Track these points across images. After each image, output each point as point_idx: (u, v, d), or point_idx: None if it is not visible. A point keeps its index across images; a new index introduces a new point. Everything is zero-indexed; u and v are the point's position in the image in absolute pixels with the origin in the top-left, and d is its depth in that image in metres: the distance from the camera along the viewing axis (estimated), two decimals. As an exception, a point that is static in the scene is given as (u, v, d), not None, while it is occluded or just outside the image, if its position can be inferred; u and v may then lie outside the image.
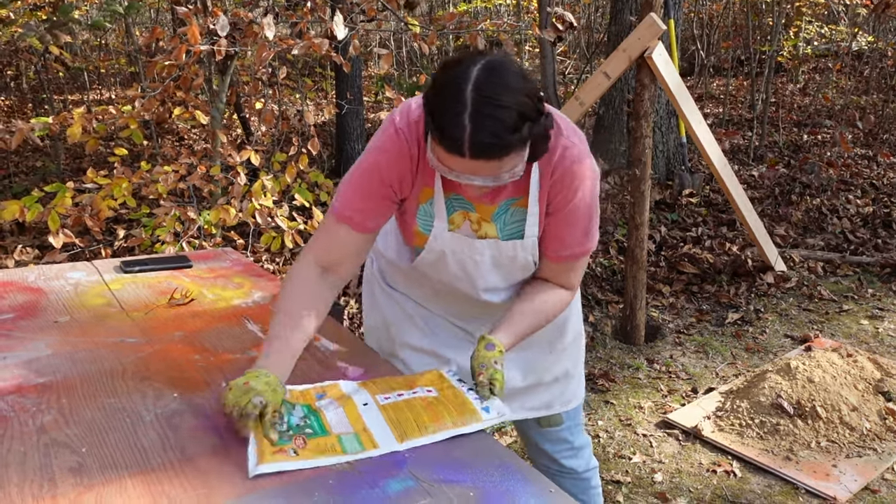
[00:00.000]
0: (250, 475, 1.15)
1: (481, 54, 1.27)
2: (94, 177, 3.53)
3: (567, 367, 1.78)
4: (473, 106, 1.22)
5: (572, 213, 1.48)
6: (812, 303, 4.22)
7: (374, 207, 1.48)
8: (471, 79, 1.23)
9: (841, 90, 9.42)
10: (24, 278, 1.97)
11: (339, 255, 1.49)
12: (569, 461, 1.85)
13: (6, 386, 1.40)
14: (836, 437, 2.81)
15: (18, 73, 8.86)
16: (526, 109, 1.24)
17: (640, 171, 3.60)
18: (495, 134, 1.22)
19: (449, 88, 1.24)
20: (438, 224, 1.52)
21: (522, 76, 1.27)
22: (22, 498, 1.09)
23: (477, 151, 1.24)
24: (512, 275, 1.59)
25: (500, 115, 1.22)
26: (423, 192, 1.50)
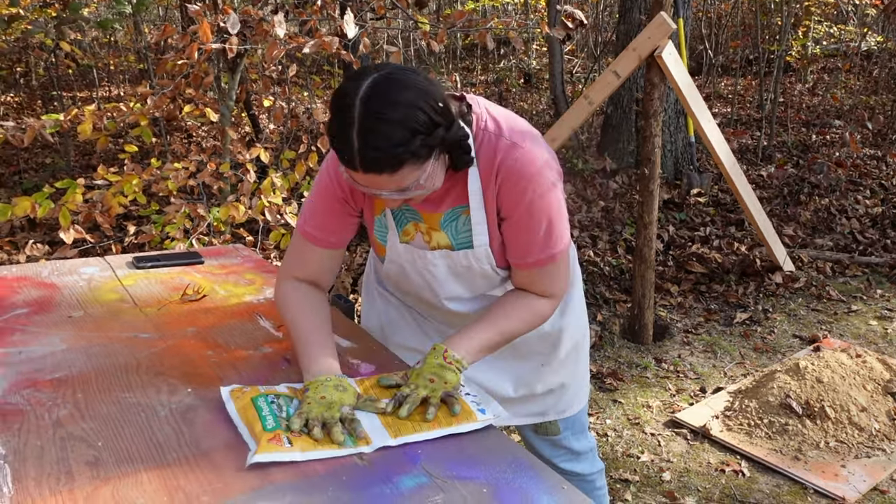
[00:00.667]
0: (248, 464, 1.16)
1: (376, 68, 1.26)
2: (105, 173, 3.54)
3: (562, 379, 1.74)
4: (360, 121, 1.21)
5: (525, 217, 1.42)
6: (821, 303, 4.21)
7: (334, 223, 1.51)
8: (359, 93, 1.22)
9: (850, 90, 9.39)
10: (37, 273, 1.98)
11: (313, 270, 1.55)
12: (571, 465, 1.84)
13: (22, 380, 1.41)
14: (844, 438, 2.81)
15: (28, 69, 8.90)
16: (415, 123, 1.22)
17: (649, 170, 3.59)
18: (381, 149, 1.22)
19: (338, 103, 1.24)
20: (391, 237, 1.54)
21: (416, 88, 1.24)
22: (39, 491, 1.10)
23: (368, 165, 1.24)
24: (474, 284, 1.57)
25: (385, 130, 1.21)
26: (377, 203, 1.52)
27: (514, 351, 1.67)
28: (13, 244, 3.94)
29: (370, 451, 1.23)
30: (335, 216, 1.51)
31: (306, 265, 1.54)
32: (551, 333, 1.69)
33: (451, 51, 10.99)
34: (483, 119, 1.42)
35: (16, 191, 5.75)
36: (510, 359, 1.69)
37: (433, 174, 1.32)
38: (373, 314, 1.81)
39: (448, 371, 1.37)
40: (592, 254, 4.66)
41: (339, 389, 1.32)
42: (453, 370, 1.38)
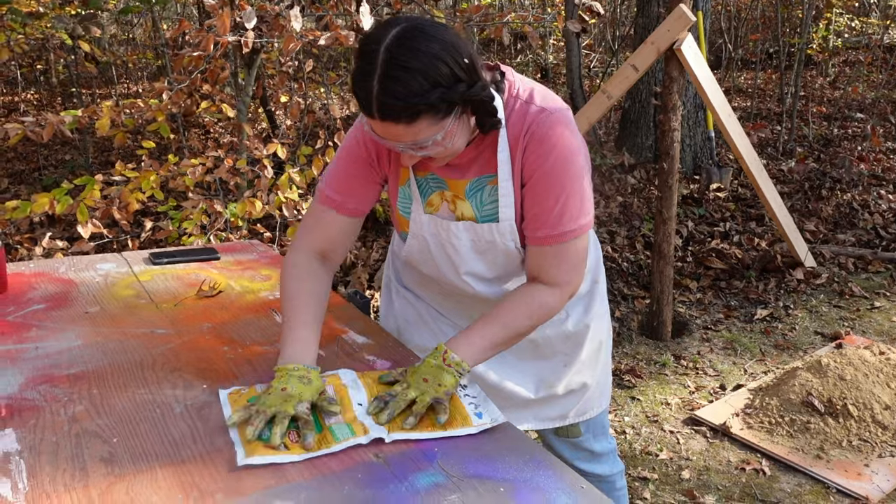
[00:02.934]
0: (238, 465, 1.15)
1: (406, 19, 1.25)
2: (123, 169, 3.56)
3: (585, 380, 1.72)
4: (382, 68, 1.20)
5: (542, 183, 1.38)
6: (843, 299, 4.16)
7: (356, 188, 1.48)
8: (385, 41, 1.21)
9: (872, 83, 9.26)
10: (54, 269, 1.99)
11: (327, 242, 1.51)
12: (591, 467, 1.81)
13: (38, 376, 1.41)
14: (868, 436, 2.76)
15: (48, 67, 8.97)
16: (436, 74, 1.20)
17: (668, 164, 3.56)
18: (398, 97, 1.20)
19: (364, 49, 1.23)
20: (416, 206, 1.51)
21: (445, 42, 1.22)
22: (54, 487, 1.09)
23: (384, 113, 1.22)
24: (495, 262, 1.53)
25: (405, 78, 1.19)
26: (402, 173, 1.50)
27: (536, 351, 1.65)
28: (32, 240, 3.96)
29: (366, 441, 1.22)
30: (357, 180, 1.48)
31: (322, 232, 1.50)
32: (575, 333, 1.67)
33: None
34: (516, 87, 1.41)
35: (35, 187, 5.79)
36: (532, 359, 1.67)
37: (454, 133, 1.30)
38: (390, 316, 1.80)
39: (445, 373, 1.33)
40: (611, 249, 4.62)
41: (302, 381, 1.28)
42: (452, 373, 1.33)
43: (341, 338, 1.64)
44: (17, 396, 1.34)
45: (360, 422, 1.27)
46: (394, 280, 1.80)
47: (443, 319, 1.71)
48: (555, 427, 1.76)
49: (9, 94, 9.70)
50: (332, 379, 1.40)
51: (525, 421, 1.71)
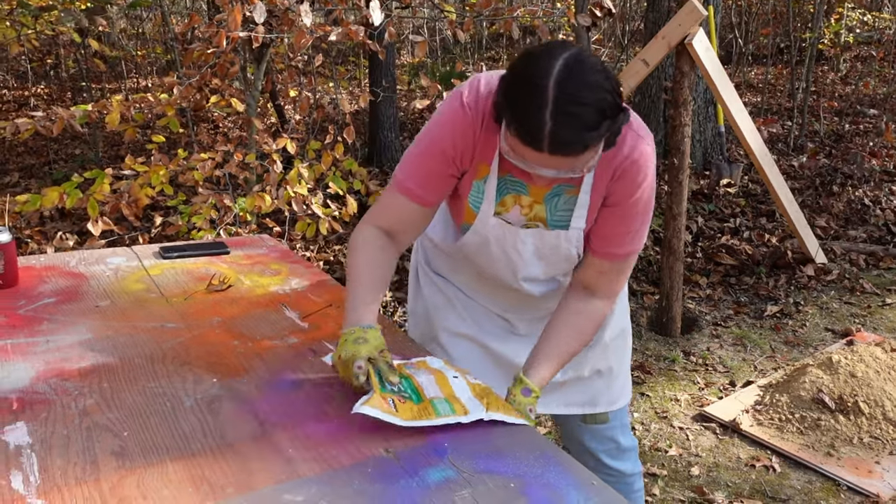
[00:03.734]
0: (353, 411, 1.21)
1: (562, 46, 1.25)
2: (132, 164, 3.56)
3: (611, 364, 1.74)
4: (555, 103, 1.19)
5: (630, 209, 1.45)
6: (854, 296, 4.13)
7: (436, 182, 1.47)
8: (553, 74, 1.20)
9: (884, 79, 9.20)
10: (65, 263, 1.99)
11: (400, 224, 1.50)
12: (615, 462, 1.81)
13: (49, 369, 1.42)
14: (879, 434, 2.75)
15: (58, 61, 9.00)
16: (606, 106, 1.22)
17: (678, 160, 3.54)
18: (576, 131, 1.21)
19: (530, 82, 1.22)
20: (486, 207, 1.50)
21: (603, 72, 1.24)
22: (65, 480, 1.09)
23: (556, 148, 1.23)
24: (553, 266, 1.57)
25: (581, 113, 1.20)
26: (480, 168, 1.48)
27: None
28: (42, 234, 3.98)
29: (467, 420, 1.24)
30: (439, 176, 1.47)
31: (396, 218, 1.49)
32: None
33: (477, 40, 10.93)
34: None
35: (46, 181, 5.81)
36: None
37: (598, 157, 1.31)
38: (419, 300, 1.80)
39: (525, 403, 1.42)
40: (620, 245, 4.60)
41: (357, 342, 1.31)
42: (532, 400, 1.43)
43: (351, 332, 1.63)
44: (29, 390, 1.34)
45: (460, 400, 1.28)
46: (423, 264, 1.80)
47: (473, 304, 1.72)
48: (583, 414, 1.77)
49: (19, 88, 9.74)
50: (421, 364, 1.41)
51: (553, 405, 1.73)
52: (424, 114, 8.29)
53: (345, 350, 1.31)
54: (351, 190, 4.09)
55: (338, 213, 3.85)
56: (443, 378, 1.34)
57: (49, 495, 1.06)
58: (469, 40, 10.49)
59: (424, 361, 1.42)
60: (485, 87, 1.41)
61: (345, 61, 9.71)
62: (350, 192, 4.04)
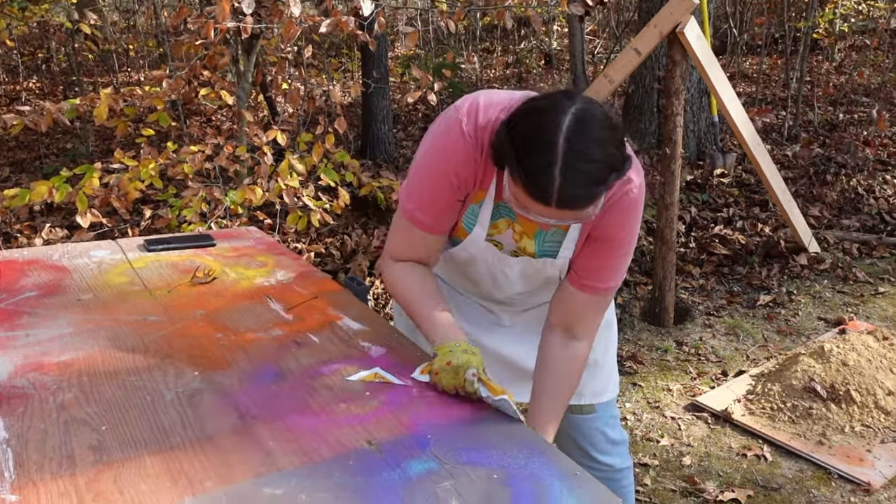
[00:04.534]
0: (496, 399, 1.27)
1: (570, 99, 1.23)
2: (122, 157, 3.54)
3: (596, 356, 1.74)
4: (564, 160, 1.19)
5: (614, 247, 1.47)
6: (847, 285, 4.13)
7: (446, 211, 1.49)
8: (562, 130, 1.20)
9: (878, 68, 9.18)
10: (48, 256, 1.97)
11: (423, 254, 1.54)
12: (604, 456, 1.80)
13: (28, 363, 1.40)
14: (870, 422, 2.74)
15: (49, 55, 8.95)
16: (614, 161, 1.22)
17: (671, 150, 3.52)
18: (585, 188, 1.22)
19: (539, 137, 1.21)
20: (478, 231, 1.51)
21: (611, 125, 1.24)
22: (41, 475, 1.08)
23: (564, 204, 1.23)
24: (537, 284, 1.61)
25: (591, 170, 1.20)
26: (477, 193, 1.50)
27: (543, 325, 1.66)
28: (32, 228, 3.95)
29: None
30: (449, 205, 1.48)
31: (417, 250, 1.53)
32: None
33: (471, 31, 10.89)
34: None
35: (36, 175, 5.79)
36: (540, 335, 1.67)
37: (601, 205, 1.31)
38: None
39: None
40: (613, 236, 4.59)
41: (466, 353, 1.35)
42: None
43: (336, 324, 1.62)
44: (6, 384, 1.32)
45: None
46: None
47: (458, 296, 1.73)
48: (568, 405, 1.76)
49: (10, 82, 9.68)
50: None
51: None
52: (418, 105, 8.27)
53: (456, 357, 1.33)
54: (343, 182, 4.07)
55: (329, 205, 3.83)
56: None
57: (23, 490, 1.04)
58: (463, 31, 10.46)
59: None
60: (483, 118, 1.40)
61: (338, 53, 9.67)
62: (342, 185, 4.02)
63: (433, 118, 8.22)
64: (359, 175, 4.18)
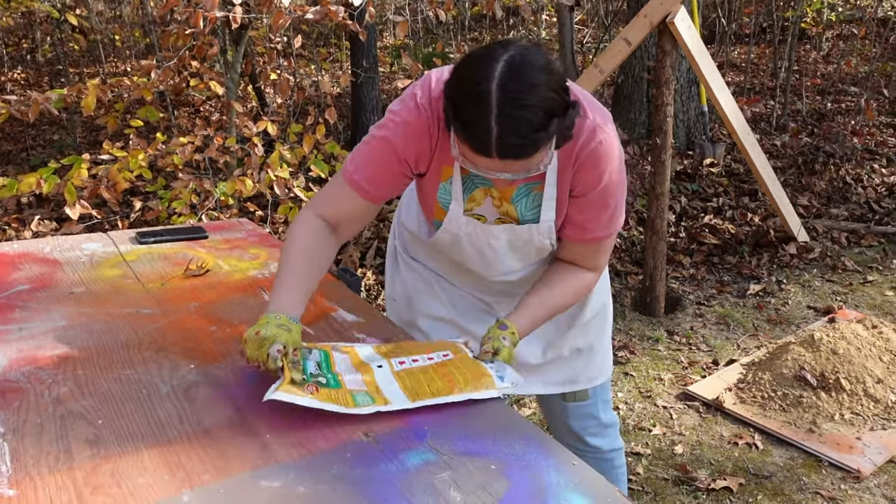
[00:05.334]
0: (264, 399, 1.19)
1: (504, 47, 1.21)
2: (111, 148, 3.51)
3: (591, 341, 1.74)
4: (499, 108, 1.17)
5: (598, 197, 1.44)
6: (836, 274, 4.16)
7: (386, 180, 1.46)
8: (495, 77, 1.17)
9: (866, 57, 9.22)
10: (39, 249, 1.96)
11: (345, 216, 1.48)
12: (594, 439, 1.82)
13: (22, 357, 1.39)
14: (860, 410, 2.77)
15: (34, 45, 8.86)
16: (552, 105, 1.19)
17: (661, 140, 3.53)
18: (523, 135, 1.18)
19: (473, 87, 1.19)
20: (455, 206, 1.49)
21: (548, 69, 1.20)
22: (38, 469, 1.07)
23: (505, 152, 1.20)
24: (528, 257, 1.58)
25: (526, 116, 1.17)
26: (444, 170, 1.47)
27: None
28: (20, 221, 3.92)
29: (387, 410, 1.22)
30: (390, 174, 1.45)
31: (340, 210, 1.48)
32: None
33: (459, 21, 10.85)
34: None
35: (24, 167, 5.74)
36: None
37: (552, 154, 1.29)
38: (398, 285, 1.79)
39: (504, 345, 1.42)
40: (603, 226, 4.60)
41: (281, 328, 1.28)
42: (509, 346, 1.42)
43: (330, 315, 1.62)
44: (1, 378, 1.31)
45: (383, 393, 1.27)
46: (401, 251, 1.79)
47: (452, 288, 1.71)
48: (563, 392, 1.77)
49: (-5, 73, 9.58)
50: (350, 352, 1.39)
51: (534, 386, 1.73)
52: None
53: (267, 329, 1.27)
54: (334, 173, 4.05)
55: (320, 196, 3.81)
56: (368, 371, 1.33)
57: (21, 485, 1.04)
58: (451, 21, 10.42)
59: (353, 349, 1.40)
60: (436, 88, 1.38)
61: (326, 43, 9.62)
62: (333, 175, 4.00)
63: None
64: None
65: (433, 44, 9.55)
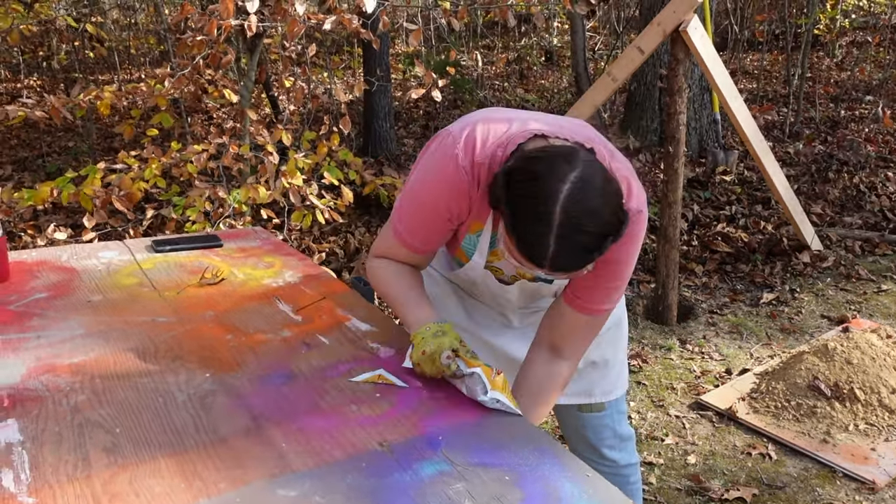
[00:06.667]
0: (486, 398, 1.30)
1: (569, 163, 1.21)
2: (126, 157, 3.54)
3: (605, 355, 1.74)
4: (559, 230, 1.18)
5: (612, 271, 1.45)
6: (849, 283, 4.13)
7: (436, 236, 1.50)
8: (559, 201, 1.18)
9: (879, 64, 9.18)
10: (57, 257, 1.98)
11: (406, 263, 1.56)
12: (611, 452, 1.82)
13: (40, 365, 1.41)
14: (874, 420, 2.75)
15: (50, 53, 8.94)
16: (610, 229, 1.21)
17: (674, 148, 3.53)
18: (579, 257, 1.22)
19: (536, 205, 1.20)
20: (477, 258, 1.53)
21: (608, 190, 1.22)
22: (56, 477, 1.09)
23: (557, 269, 1.24)
24: (536, 299, 1.67)
25: (585, 241, 1.20)
26: (474, 224, 1.50)
27: None
28: (36, 227, 3.96)
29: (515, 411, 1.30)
30: (439, 231, 1.49)
31: (402, 260, 1.55)
32: None
33: (471, 28, 10.88)
34: None
35: (39, 174, 5.79)
36: None
37: None
38: None
39: None
40: (615, 233, 4.60)
41: (437, 336, 1.37)
42: None
43: (344, 325, 1.63)
44: (20, 387, 1.33)
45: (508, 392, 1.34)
46: None
47: (470, 300, 1.75)
48: (579, 404, 1.77)
49: (11, 80, 9.68)
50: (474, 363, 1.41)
51: None
52: (419, 103, 8.26)
53: (428, 345, 1.36)
54: (346, 180, 4.07)
55: (333, 203, 3.84)
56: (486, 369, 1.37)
57: (40, 493, 1.05)
58: (464, 28, 10.44)
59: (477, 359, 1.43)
60: (480, 154, 1.38)
61: (339, 51, 9.66)
62: (346, 183, 4.03)
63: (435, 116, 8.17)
64: (361, 173, 4.19)
65: (445, 51, 9.59)
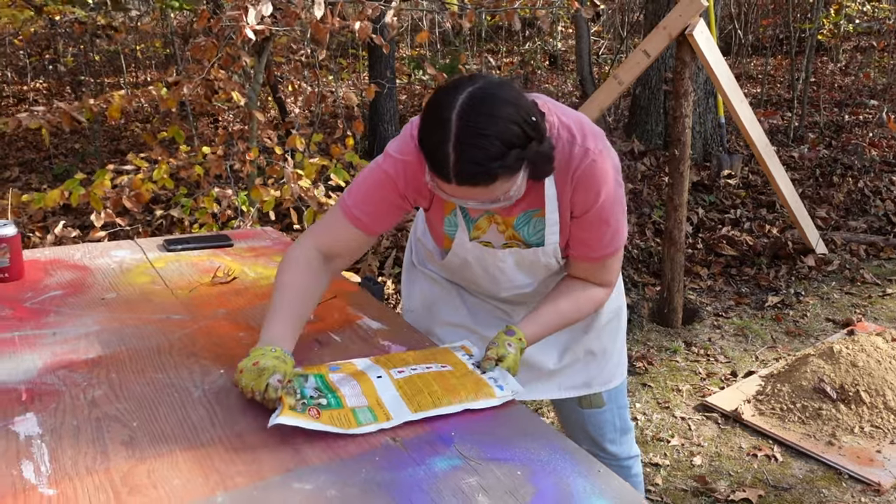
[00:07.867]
0: (269, 425, 1.19)
1: (470, 81, 1.27)
2: (135, 160, 3.57)
3: (604, 344, 1.76)
4: (456, 136, 1.22)
5: (596, 217, 1.48)
6: (854, 286, 4.14)
7: (384, 213, 1.51)
8: (455, 107, 1.23)
9: (883, 69, 9.19)
10: (70, 256, 2.00)
11: (340, 247, 1.53)
12: (612, 446, 1.83)
13: (57, 361, 1.42)
14: (880, 423, 2.76)
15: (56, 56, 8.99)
16: (511, 137, 1.23)
17: (680, 151, 3.54)
18: (478, 163, 1.23)
19: (434, 116, 1.26)
20: (461, 234, 1.55)
21: (513, 103, 1.25)
22: (76, 470, 1.10)
23: (462, 179, 1.25)
24: (536, 273, 1.62)
25: (482, 145, 1.22)
26: (447, 204, 1.52)
27: None
28: (45, 228, 3.99)
29: (389, 426, 1.22)
30: (387, 207, 1.50)
31: (337, 240, 1.52)
32: None
33: (476, 32, 10.91)
34: (555, 127, 1.44)
35: (46, 176, 5.82)
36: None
37: (521, 185, 1.33)
38: (416, 294, 1.82)
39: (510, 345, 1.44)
40: (621, 236, 4.61)
41: (279, 360, 1.29)
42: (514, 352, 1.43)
43: (356, 323, 1.64)
44: (37, 381, 1.35)
45: (383, 404, 1.28)
46: (417, 262, 1.83)
47: (468, 295, 1.75)
48: (579, 397, 1.78)
49: (18, 83, 9.72)
50: (346, 367, 1.40)
51: (549, 391, 1.75)
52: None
53: (265, 360, 1.28)
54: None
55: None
56: (367, 382, 1.33)
57: (61, 484, 1.07)
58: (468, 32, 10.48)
59: (351, 363, 1.41)
60: None
61: (344, 54, 9.69)
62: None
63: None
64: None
65: (450, 55, 9.61)
